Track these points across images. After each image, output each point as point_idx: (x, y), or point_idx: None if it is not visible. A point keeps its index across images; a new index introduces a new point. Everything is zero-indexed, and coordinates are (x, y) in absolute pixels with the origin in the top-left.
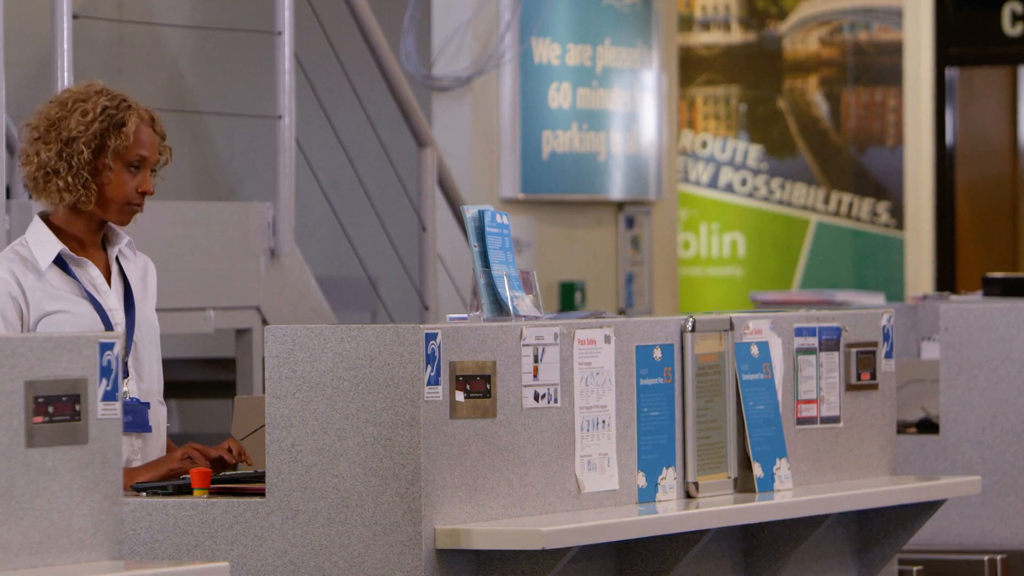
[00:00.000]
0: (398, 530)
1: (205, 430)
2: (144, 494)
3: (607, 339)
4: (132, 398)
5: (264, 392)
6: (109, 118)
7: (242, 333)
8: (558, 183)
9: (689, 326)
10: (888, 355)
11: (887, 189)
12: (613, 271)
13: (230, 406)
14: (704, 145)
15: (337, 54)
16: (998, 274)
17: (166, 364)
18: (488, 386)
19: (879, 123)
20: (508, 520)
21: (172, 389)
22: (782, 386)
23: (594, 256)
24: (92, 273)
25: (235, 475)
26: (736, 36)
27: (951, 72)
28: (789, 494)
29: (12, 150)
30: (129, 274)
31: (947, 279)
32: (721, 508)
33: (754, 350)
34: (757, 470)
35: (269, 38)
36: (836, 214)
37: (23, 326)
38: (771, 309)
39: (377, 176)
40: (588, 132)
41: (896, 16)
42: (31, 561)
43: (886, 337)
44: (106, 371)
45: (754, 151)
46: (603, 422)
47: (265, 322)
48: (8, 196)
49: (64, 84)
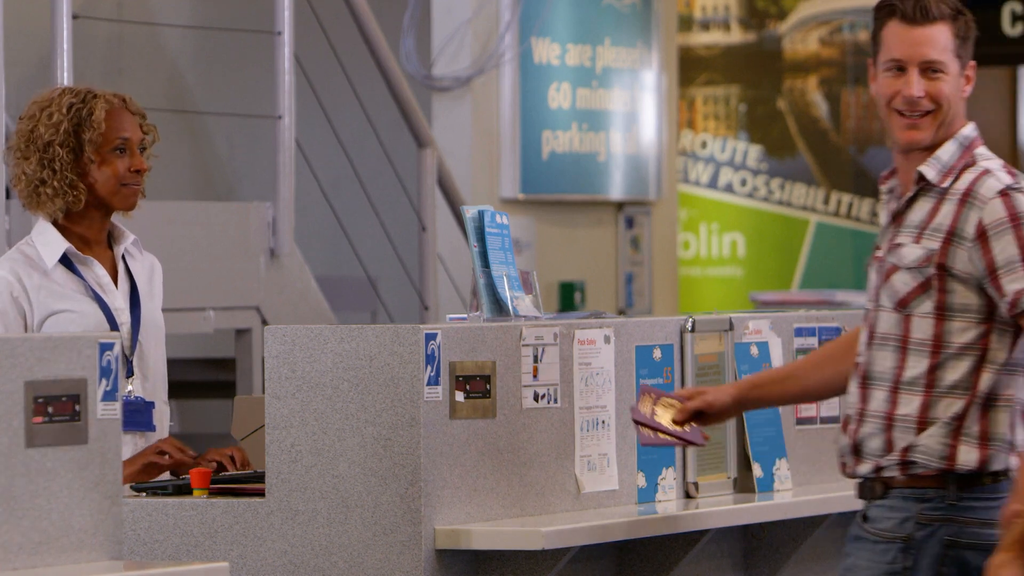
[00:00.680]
0: (398, 530)
1: (205, 430)
2: (144, 494)
3: (607, 339)
4: (137, 397)
5: (264, 392)
6: (77, 113)
7: (242, 333)
8: (558, 183)
9: (689, 326)
10: None
11: None
12: (613, 271)
13: (230, 406)
14: (704, 145)
15: (337, 54)
16: None
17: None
18: (488, 386)
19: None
20: (508, 520)
21: (172, 389)
22: None
23: (594, 256)
24: (98, 272)
25: (235, 475)
26: (736, 36)
27: None
28: (789, 494)
29: None
30: (135, 273)
31: None
32: (721, 508)
33: (754, 350)
34: (757, 470)
35: (269, 38)
36: (836, 214)
37: (26, 327)
38: (771, 309)
39: (377, 176)
40: (588, 132)
41: None
42: (31, 561)
43: None
44: (106, 371)
45: (754, 151)
46: (603, 422)
47: (265, 322)
48: (8, 196)
49: (64, 84)
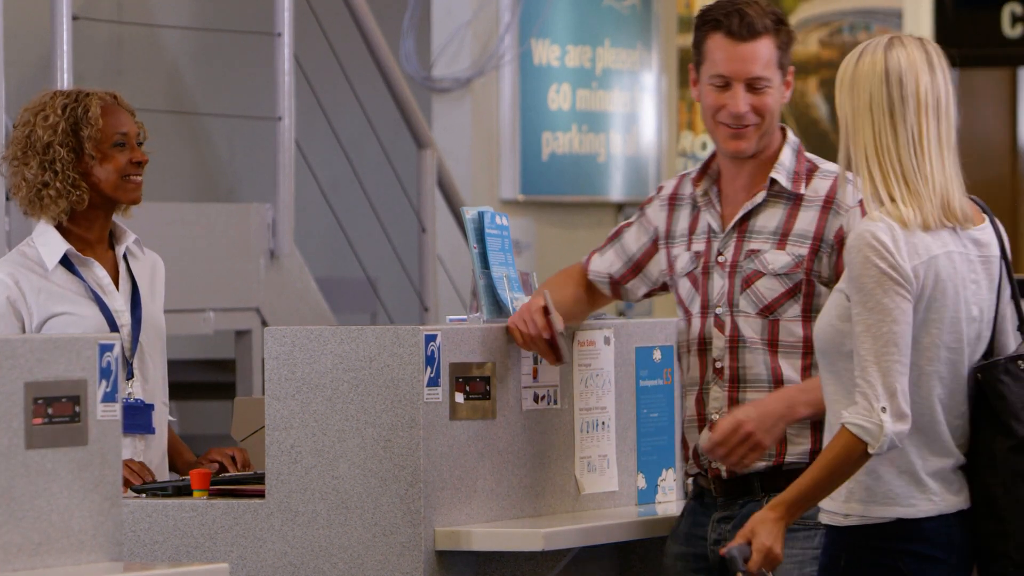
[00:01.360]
0: (398, 531)
1: (205, 431)
2: (144, 495)
3: (607, 340)
4: (137, 399)
5: (264, 393)
6: (72, 112)
7: (242, 334)
8: (558, 184)
9: None
10: None
11: None
12: None
13: (230, 407)
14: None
15: (337, 55)
16: None
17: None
18: (488, 387)
19: None
20: (508, 521)
21: (172, 390)
22: None
23: None
24: (99, 273)
25: (235, 476)
26: None
27: (951, 73)
28: None
29: None
30: (137, 273)
31: None
32: None
33: None
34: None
35: (269, 39)
36: None
37: (24, 331)
38: None
39: (377, 177)
40: (588, 133)
41: (896, 17)
42: (30, 562)
43: None
44: (106, 372)
45: None
46: (603, 423)
47: (265, 323)
48: (8, 198)
49: (64, 85)
